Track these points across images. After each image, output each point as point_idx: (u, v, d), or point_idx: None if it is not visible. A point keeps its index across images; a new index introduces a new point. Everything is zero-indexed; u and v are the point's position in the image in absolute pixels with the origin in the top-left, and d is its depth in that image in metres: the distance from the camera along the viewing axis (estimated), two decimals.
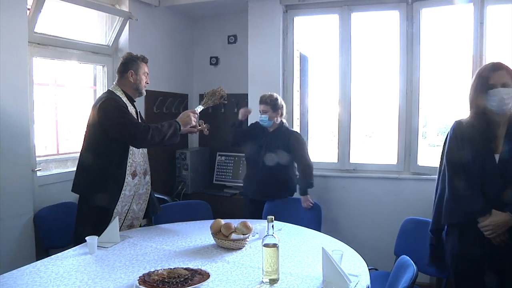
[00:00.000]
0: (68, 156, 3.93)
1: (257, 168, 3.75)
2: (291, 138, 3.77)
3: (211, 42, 5.27)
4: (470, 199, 2.40)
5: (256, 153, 3.77)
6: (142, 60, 3.04)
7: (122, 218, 2.93)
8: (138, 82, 3.01)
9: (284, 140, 3.75)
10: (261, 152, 3.73)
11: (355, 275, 2.11)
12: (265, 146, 3.74)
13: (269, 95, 3.78)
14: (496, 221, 2.32)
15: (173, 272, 2.07)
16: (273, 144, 3.73)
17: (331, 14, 4.41)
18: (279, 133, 3.79)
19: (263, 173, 3.72)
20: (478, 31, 3.87)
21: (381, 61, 4.52)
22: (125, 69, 2.99)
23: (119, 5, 4.21)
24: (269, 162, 3.67)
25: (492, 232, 2.32)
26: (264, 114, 3.73)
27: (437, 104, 4.42)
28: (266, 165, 3.68)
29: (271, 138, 3.77)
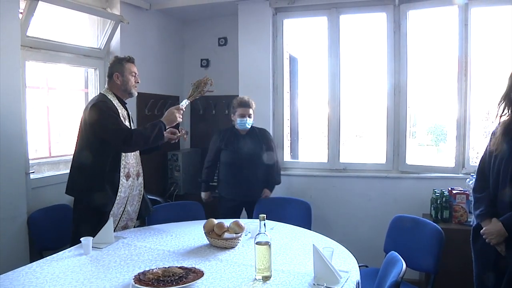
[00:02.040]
0: (60, 159, 3.95)
1: (241, 171, 3.79)
2: (267, 136, 3.97)
3: (202, 44, 5.33)
4: (478, 201, 2.45)
5: (236, 157, 3.81)
6: (128, 61, 3.04)
7: (117, 220, 2.96)
8: (126, 83, 3.01)
9: (262, 138, 3.89)
10: (242, 155, 3.79)
11: (345, 271, 2.17)
12: (245, 148, 3.80)
13: (247, 98, 3.85)
14: (490, 229, 2.33)
15: (168, 271, 2.11)
16: (254, 145, 3.83)
17: (320, 16, 4.48)
18: (254, 133, 3.89)
19: (249, 174, 3.79)
20: (463, 32, 3.97)
21: (369, 62, 4.60)
22: (111, 72, 3.02)
23: (110, 8, 4.24)
24: (253, 162, 3.79)
25: (488, 240, 2.34)
26: (249, 117, 3.80)
27: (426, 104, 4.50)
28: (250, 166, 3.78)
29: (248, 139, 3.85)
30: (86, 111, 2.91)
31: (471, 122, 4.07)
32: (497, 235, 2.30)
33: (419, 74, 4.29)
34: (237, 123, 3.81)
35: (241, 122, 3.79)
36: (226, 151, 3.86)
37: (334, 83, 4.43)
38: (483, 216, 2.39)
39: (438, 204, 3.61)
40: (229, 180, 3.88)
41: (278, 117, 4.63)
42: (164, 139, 2.95)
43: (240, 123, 3.79)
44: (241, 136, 3.85)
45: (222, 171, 3.96)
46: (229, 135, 3.88)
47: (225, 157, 3.88)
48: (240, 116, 3.78)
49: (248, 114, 3.78)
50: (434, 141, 4.84)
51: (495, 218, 2.34)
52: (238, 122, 3.80)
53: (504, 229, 2.27)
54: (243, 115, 3.77)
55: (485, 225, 2.37)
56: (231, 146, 3.83)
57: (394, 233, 3.17)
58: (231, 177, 3.86)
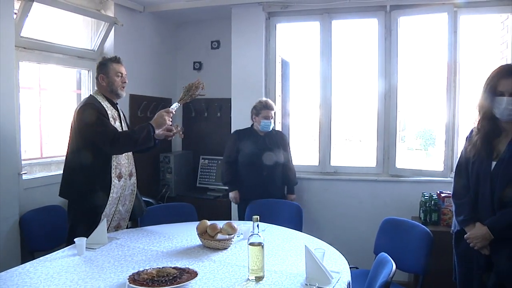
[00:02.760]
0: (52, 160, 3.95)
1: (261, 172, 3.86)
2: (284, 137, 4.07)
3: (195, 47, 5.35)
4: (459, 207, 2.47)
5: (256, 158, 3.87)
6: (113, 61, 3.02)
7: (109, 220, 2.97)
8: (111, 84, 3.00)
9: (280, 139, 3.99)
10: (262, 155, 3.86)
11: (336, 272, 2.21)
12: (265, 149, 3.88)
13: (269, 100, 3.95)
14: (475, 234, 2.35)
15: (162, 271, 2.14)
16: (273, 146, 3.90)
17: (312, 21, 4.53)
18: (271, 134, 3.96)
19: (268, 175, 3.87)
20: (452, 39, 4.05)
21: (360, 67, 4.66)
22: (97, 74, 3.02)
23: (104, 10, 4.26)
24: (272, 163, 3.85)
25: (473, 244, 2.36)
26: (271, 119, 3.89)
27: (416, 109, 4.57)
28: (269, 167, 3.86)
29: (268, 140, 3.92)
30: (75, 113, 2.92)
31: (460, 127, 4.15)
32: (482, 239, 2.32)
33: (409, 79, 4.35)
34: (260, 124, 3.87)
35: (265, 124, 3.86)
36: (246, 152, 3.91)
37: (326, 87, 4.48)
38: (466, 221, 2.41)
39: (427, 207, 3.67)
40: (248, 181, 3.93)
41: None
42: (152, 143, 2.94)
43: (264, 125, 3.86)
44: (260, 137, 3.93)
45: (241, 172, 3.98)
46: (248, 136, 3.95)
47: (244, 158, 3.93)
48: (264, 118, 3.85)
49: (271, 116, 3.88)
50: (423, 145, 4.92)
51: (479, 223, 2.36)
52: (262, 124, 3.86)
53: (490, 233, 2.30)
54: (267, 117, 3.85)
55: (469, 230, 2.39)
56: (249, 147, 3.89)
57: (384, 236, 3.21)
58: (250, 178, 3.92)
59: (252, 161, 3.88)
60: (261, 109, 3.87)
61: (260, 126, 3.88)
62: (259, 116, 3.88)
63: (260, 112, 3.87)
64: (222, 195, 4.92)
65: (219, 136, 5.11)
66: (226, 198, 4.82)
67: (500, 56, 4.11)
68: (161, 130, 2.98)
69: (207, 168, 5.16)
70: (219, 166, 5.09)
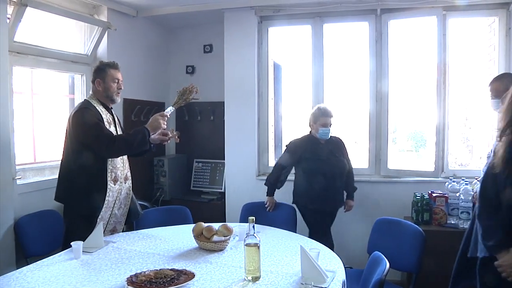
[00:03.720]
0: (46, 165, 3.94)
1: (325, 180, 3.65)
2: (343, 143, 3.92)
3: (187, 51, 5.38)
4: (488, 229, 2.18)
5: (320, 166, 3.68)
6: (111, 67, 3.03)
7: (105, 223, 2.98)
8: (107, 90, 3.01)
9: (340, 146, 3.86)
10: (325, 163, 3.69)
11: (331, 271, 2.25)
12: (330, 157, 3.73)
13: (328, 107, 3.78)
14: (507, 261, 2.07)
15: (160, 273, 2.16)
16: (336, 152, 3.78)
17: (304, 25, 4.57)
18: (331, 141, 3.82)
19: (334, 182, 3.71)
20: (441, 41, 4.12)
21: (352, 70, 4.71)
22: (94, 78, 3.03)
23: (98, 15, 4.27)
24: (338, 170, 3.73)
25: (506, 274, 2.07)
26: (330, 127, 3.73)
27: (407, 111, 4.63)
28: (335, 174, 3.72)
29: (331, 147, 3.78)
30: (70, 118, 2.93)
31: (450, 128, 4.22)
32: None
33: (400, 81, 4.41)
34: (318, 132, 3.71)
35: (323, 132, 3.70)
36: (309, 159, 3.72)
37: (318, 90, 4.52)
38: (498, 247, 2.11)
39: (418, 207, 3.72)
40: (313, 190, 3.68)
41: (263, 123, 4.70)
42: (148, 146, 2.97)
43: (322, 133, 3.70)
44: (322, 145, 3.77)
45: (304, 181, 3.76)
46: (309, 145, 3.77)
47: (308, 166, 3.73)
48: (323, 125, 3.69)
49: (330, 124, 3.72)
50: (414, 146, 4.98)
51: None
52: (320, 132, 3.70)
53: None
54: (325, 124, 3.69)
55: (501, 257, 2.09)
56: (313, 154, 3.72)
57: (377, 235, 3.26)
58: (317, 187, 3.67)
59: (316, 170, 3.68)
60: (319, 116, 3.71)
61: (318, 134, 3.71)
62: (317, 123, 3.71)
63: (318, 119, 3.71)
64: (216, 198, 4.95)
65: (212, 140, 5.15)
66: (220, 201, 4.86)
67: (488, 59, 4.19)
68: (157, 135, 3.01)
69: (201, 171, 5.18)
70: (213, 169, 5.11)
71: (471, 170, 4.15)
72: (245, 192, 4.52)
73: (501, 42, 4.02)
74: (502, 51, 4.01)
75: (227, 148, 4.70)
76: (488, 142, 4.05)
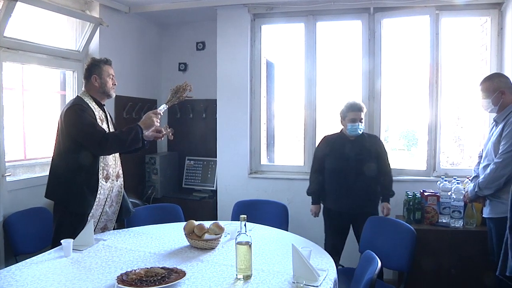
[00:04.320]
0: (36, 162, 3.91)
1: (348, 180, 3.51)
2: (378, 141, 3.70)
3: (180, 48, 5.36)
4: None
5: (342, 163, 3.53)
6: (105, 63, 3.05)
7: (96, 221, 2.96)
8: (104, 85, 3.02)
9: (373, 144, 3.62)
10: (350, 162, 3.52)
11: (323, 270, 2.25)
12: (354, 156, 3.53)
13: (358, 101, 3.61)
14: None
15: (150, 271, 2.14)
16: (364, 151, 3.54)
17: (297, 23, 4.57)
18: (363, 139, 3.61)
19: (356, 184, 3.49)
20: (434, 41, 4.14)
21: (344, 68, 4.71)
22: (89, 74, 3.01)
23: (89, 11, 4.23)
24: (363, 171, 3.48)
25: None
26: (360, 122, 3.53)
27: (399, 110, 4.65)
28: (359, 175, 3.49)
29: (358, 145, 3.56)
30: (62, 115, 2.91)
31: (442, 127, 4.23)
32: None
33: (393, 80, 4.42)
34: (347, 128, 3.54)
35: (352, 128, 3.52)
36: (331, 157, 3.60)
37: (310, 88, 4.52)
38: None
39: (410, 206, 3.73)
40: (334, 190, 3.61)
41: (255, 121, 4.69)
42: (141, 144, 2.96)
43: (351, 129, 3.52)
44: (349, 141, 3.58)
45: (327, 180, 3.67)
46: (336, 141, 3.63)
47: (330, 163, 3.61)
48: (351, 121, 3.51)
49: (359, 119, 3.52)
50: (406, 145, 4.99)
51: None
52: (348, 128, 3.53)
53: None
54: (354, 119, 3.50)
55: None
56: (336, 152, 3.58)
57: (369, 234, 3.26)
58: (336, 187, 3.58)
59: (339, 169, 3.54)
60: (347, 111, 3.54)
61: (347, 130, 3.54)
62: (346, 119, 3.55)
63: (346, 114, 3.54)
64: (208, 196, 4.93)
65: (204, 137, 5.14)
66: (212, 199, 4.85)
67: (480, 58, 4.22)
68: (150, 131, 3.01)
69: (193, 169, 5.16)
70: (204, 167, 5.10)
71: (462, 169, 4.17)
72: (237, 190, 4.52)
73: (493, 42, 4.04)
74: (493, 51, 4.04)
75: (219, 146, 4.68)
76: (480, 141, 4.07)
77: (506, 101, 2.97)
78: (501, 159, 2.85)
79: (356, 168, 3.49)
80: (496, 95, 2.99)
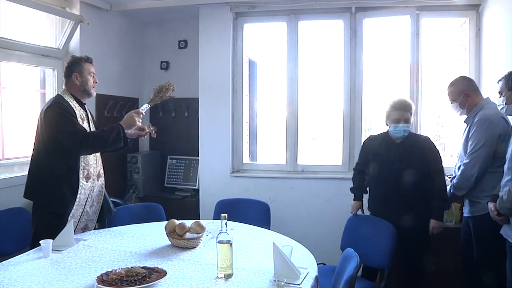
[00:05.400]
0: (15, 161, 3.85)
1: (392, 189, 3.16)
2: (429, 145, 3.23)
3: (162, 46, 5.33)
4: None
5: (387, 171, 3.19)
6: (86, 61, 3.03)
7: (76, 221, 2.93)
8: (85, 84, 2.99)
9: (423, 149, 3.18)
10: (393, 169, 3.16)
11: (304, 268, 2.26)
12: (398, 160, 3.17)
13: (405, 99, 3.28)
14: None
15: (131, 271, 2.13)
16: (410, 156, 3.15)
17: (279, 22, 4.59)
18: (410, 142, 3.23)
19: (402, 194, 3.13)
20: (414, 41, 4.20)
21: (326, 67, 4.73)
22: (70, 72, 2.98)
23: (70, 8, 4.18)
24: (408, 178, 3.09)
25: None
26: (405, 123, 3.17)
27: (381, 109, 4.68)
28: (404, 183, 3.10)
29: (403, 149, 3.19)
30: (42, 113, 2.87)
31: (423, 127, 4.29)
32: None
33: (374, 79, 4.47)
34: (390, 130, 3.24)
35: (395, 129, 3.18)
36: (375, 163, 3.27)
37: (292, 87, 4.54)
38: None
39: None
40: (378, 199, 3.30)
41: (237, 120, 4.69)
42: (122, 144, 2.94)
43: (394, 130, 3.19)
44: (394, 145, 3.23)
45: (371, 186, 3.39)
46: (380, 143, 3.29)
47: (374, 170, 3.28)
48: (395, 121, 3.18)
49: (404, 119, 3.16)
50: None
51: None
52: (391, 129, 3.21)
53: None
54: (398, 120, 3.16)
55: None
56: (379, 156, 3.25)
57: (350, 232, 3.30)
58: (380, 196, 3.27)
59: (382, 175, 3.22)
60: (390, 111, 3.22)
61: (390, 132, 3.24)
62: (389, 119, 3.23)
63: (390, 114, 3.22)
64: (190, 194, 4.92)
65: (186, 136, 5.11)
66: (194, 197, 4.83)
67: (459, 58, 4.28)
68: (134, 129, 3.00)
69: (175, 168, 5.14)
70: (186, 166, 5.08)
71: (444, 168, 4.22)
72: (219, 189, 4.51)
73: (471, 43, 4.12)
74: (472, 51, 4.11)
75: (201, 144, 4.67)
76: None
77: (472, 103, 3.05)
78: (468, 160, 2.94)
79: (399, 175, 3.11)
80: (461, 98, 3.07)
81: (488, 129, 2.86)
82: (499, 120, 2.88)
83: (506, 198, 2.41)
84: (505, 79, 2.66)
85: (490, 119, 2.88)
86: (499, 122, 2.88)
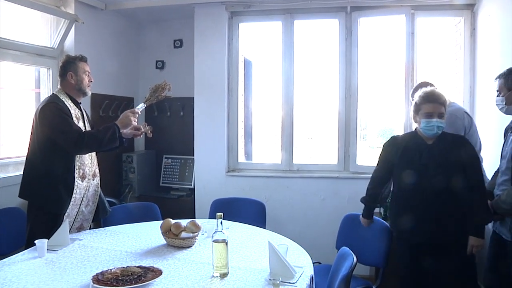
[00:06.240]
0: (10, 161, 3.83)
1: (427, 200, 2.66)
2: (466, 145, 2.72)
3: (157, 46, 5.33)
4: None
5: (420, 178, 2.67)
6: (81, 60, 3.02)
7: (71, 221, 2.92)
8: (80, 82, 2.98)
9: (460, 151, 2.67)
10: (427, 175, 2.66)
11: (299, 267, 2.27)
12: (430, 164, 2.67)
13: (435, 90, 2.75)
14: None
15: (127, 270, 2.13)
16: (444, 159, 2.66)
17: (275, 21, 4.58)
18: (446, 142, 2.72)
19: (439, 206, 2.65)
20: (409, 40, 4.21)
21: (322, 67, 4.74)
22: (65, 71, 2.98)
23: (64, 7, 4.16)
24: (441, 185, 2.62)
25: None
26: (439, 118, 2.67)
27: (377, 108, 4.70)
28: (437, 191, 2.63)
29: (438, 150, 2.69)
30: (37, 113, 2.87)
31: None
32: None
33: (370, 79, 4.48)
34: (421, 126, 2.71)
35: (427, 125, 2.66)
36: (404, 168, 2.74)
37: (288, 86, 4.54)
38: None
39: (387, 203, 3.77)
40: (409, 214, 2.72)
41: (233, 119, 4.69)
42: (118, 143, 2.94)
43: (426, 127, 2.67)
44: (426, 146, 2.72)
45: (397, 198, 2.90)
46: (408, 144, 2.79)
47: (403, 177, 2.73)
48: (427, 115, 2.66)
49: (438, 113, 2.65)
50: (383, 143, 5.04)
51: None
52: (423, 125, 2.69)
53: None
54: (430, 114, 2.65)
55: None
56: (408, 161, 2.73)
57: (346, 231, 3.30)
58: (413, 210, 2.72)
59: (414, 184, 2.68)
60: (421, 103, 2.71)
61: (421, 129, 2.72)
62: (419, 113, 2.71)
63: (420, 107, 2.71)
64: (186, 194, 4.92)
65: (182, 135, 5.11)
66: (189, 197, 4.83)
67: (454, 57, 4.30)
68: (129, 129, 3.00)
69: (170, 168, 5.13)
70: (182, 165, 5.08)
71: None
72: (215, 189, 4.52)
73: (466, 42, 4.14)
74: (467, 50, 4.14)
75: (197, 144, 4.67)
76: None
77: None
78: None
79: (436, 183, 2.63)
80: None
81: None
82: None
83: (505, 198, 2.39)
84: (504, 78, 2.52)
85: None
86: None
